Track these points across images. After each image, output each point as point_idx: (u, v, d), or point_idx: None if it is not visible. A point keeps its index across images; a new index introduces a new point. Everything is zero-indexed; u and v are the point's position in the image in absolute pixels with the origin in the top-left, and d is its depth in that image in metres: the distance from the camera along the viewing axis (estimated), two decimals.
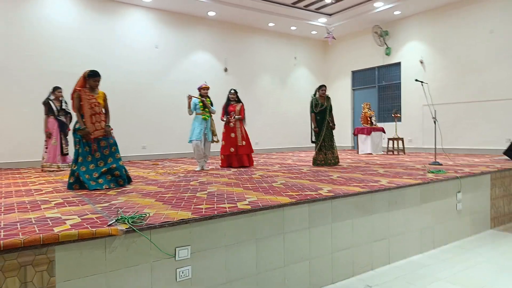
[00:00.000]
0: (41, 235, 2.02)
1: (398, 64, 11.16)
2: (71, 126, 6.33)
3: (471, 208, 4.56)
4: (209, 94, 6.39)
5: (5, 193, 3.95)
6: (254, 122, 10.93)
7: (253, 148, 7.02)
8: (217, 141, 6.43)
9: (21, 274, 1.95)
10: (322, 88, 6.54)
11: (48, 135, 6.73)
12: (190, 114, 6.31)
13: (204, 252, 2.56)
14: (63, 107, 6.92)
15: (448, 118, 9.59)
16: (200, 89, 6.31)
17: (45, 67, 8.16)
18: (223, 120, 6.68)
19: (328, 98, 6.57)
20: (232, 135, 6.58)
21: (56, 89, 6.87)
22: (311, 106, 6.54)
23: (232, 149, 6.55)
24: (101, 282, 2.18)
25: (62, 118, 6.88)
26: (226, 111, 6.67)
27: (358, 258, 3.40)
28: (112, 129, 4.44)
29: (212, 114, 6.35)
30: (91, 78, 4.29)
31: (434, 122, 6.29)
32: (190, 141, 6.24)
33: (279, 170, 5.90)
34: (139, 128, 9.38)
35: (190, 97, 6.21)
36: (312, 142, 6.67)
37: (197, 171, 6.04)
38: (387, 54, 11.33)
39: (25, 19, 8.01)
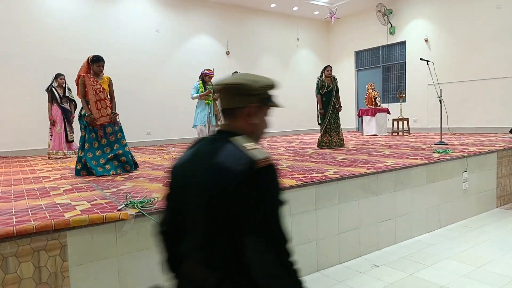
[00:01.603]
0: (52, 220, 2.05)
1: (403, 43, 10.99)
2: (76, 113, 6.34)
3: (477, 187, 4.56)
4: (211, 79, 6.34)
5: (14, 180, 4.00)
6: None
7: None
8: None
9: (35, 259, 1.99)
10: (327, 68, 6.45)
11: (52, 123, 6.76)
12: (193, 98, 6.24)
13: None
14: (67, 94, 6.92)
15: (453, 97, 9.48)
16: (205, 75, 6.21)
17: (47, 54, 8.11)
18: None
19: (334, 79, 6.48)
20: None
21: (58, 76, 6.85)
22: (317, 87, 6.47)
23: None
24: (113, 266, 2.22)
25: (66, 105, 6.89)
26: None
27: (365, 238, 3.43)
28: (118, 114, 4.45)
29: (215, 98, 6.30)
30: (95, 63, 4.26)
31: (440, 102, 6.23)
32: (194, 126, 6.23)
33: (284, 153, 5.91)
34: (143, 113, 9.37)
35: (205, 94, 6.11)
36: (318, 124, 6.63)
37: None
38: (391, 33, 11.14)
39: (24, 6, 7.92)
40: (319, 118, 6.59)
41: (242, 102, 1.09)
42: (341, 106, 6.59)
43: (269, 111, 1.16)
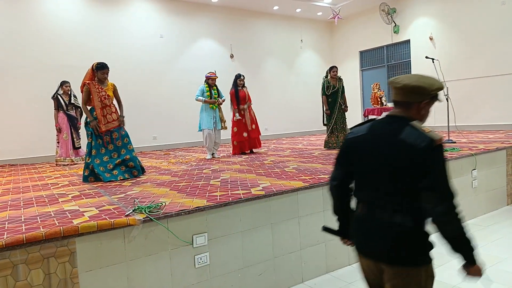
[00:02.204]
0: (61, 227, 2.06)
1: (407, 41, 10.93)
2: (82, 120, 6.38)
3: (487, 185, 4.51)
4: (216, 82, 6.34)
5: (23, 188, 4.03)
6: (262, 107, 10.86)
7: (263, 134, 7.00)
8: (225, 128, 6.39)
9: (44, 266, 2.00)
10: (333, 69, 6.44)
11: (59, 130, 6.81)
12: (196, 100, 6.20)
13: (221, 239, 2.58)
14: (72, 101, 6.97)
15: (460, 94, 9.40)
16: (208, 78, 6.23)
17: (52, 62, 8.19)
18: (234, 110, 6.55)
19: (340, 80, 6.47)
20: (243, 121, 6.56)
21: (63, 83, 6.90)
22: (323, 88, 6.46)
23: (245, 134, 6.54)
24: (122, 271, 2.22)
25: (72, 112, 6.94)
26: (237, 98, 6.53)
27: None
28: (123, 117, 4.48)
29: (219, 103, 6.27)
30: (99, 70, 4.29)
31: (447, 100, 6.18)
32: (201, 130, 6.23)
33: (290, 154, 5.89)
34: (149, 118, 9.41)
35: (211, 102, 6.14)
36: (324, 125, 6.61)
37: (208, 159, 6.06)
38: (396, 32, 11.09)
39: (29, 15, 8.01)
40: (325, 118, 6.57)
41: (418, 98, 1.47)
42: (347, 106, 6.57)
43: (432, 104, 1.53)
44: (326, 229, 1.71)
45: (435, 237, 1.47)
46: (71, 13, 8.50)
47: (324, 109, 6.51)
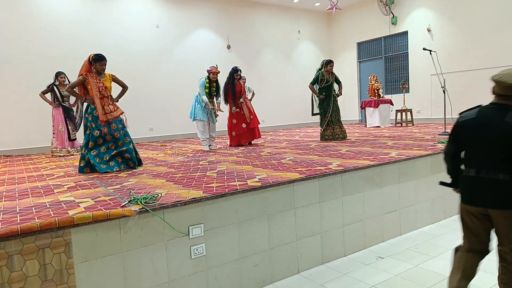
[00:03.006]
0: (56, 218, 2.05)
1: (405, 33, 10.88)
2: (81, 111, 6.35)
3: None
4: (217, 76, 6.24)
5: (19, 179, 4.01)
6: (259, 99, 10.82)
7: (260, 125, 6.98)
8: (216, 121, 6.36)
9: (40, 256, 2.00)
10: (330, 64, 6.44)
11: (50, 103, 6.80)
12: (203, 98, 6.15)
13: (217, 230, 2.59)
14: None
15: (457, 86, 9.40)
16: (209, 72, 6.16)
17: (47, 53, 8.10)
18: (231, 104, 6.50)
19: (332, 73, 6.50)
20: (241, 112, 6.54)
21: (59, 74, 6.83)
22: (314, 79, 6.48)
23: (244, 125, 6.53)
24: (117, 262, 2.22)
25: (67, 104, 6.89)
26: (234, 92, 6.48)
27: (370, 230, 3.42)
28: (121, 111, 4.45)
29: (214, 99, 6.25)
30: (98, 62, 4.24)
31: (444, 92, 6.18)
32: (194, 119, 6.16)
33: (287, 146, 5.89)
34: (146, 110, 9.36)
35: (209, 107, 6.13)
36: (314, 114, 6.63)
37: (206, 151, 6.03)
38: (393, 23, 11.04)
39: (25, 6, 7.90)
40: (314, 109, 6.62)
41: None
42: (341, 93, 6.58)
43: None
44: (443, 183, 2.26)
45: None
46: (65, 3, 8.38)
47: (316, 97, 6.55)
